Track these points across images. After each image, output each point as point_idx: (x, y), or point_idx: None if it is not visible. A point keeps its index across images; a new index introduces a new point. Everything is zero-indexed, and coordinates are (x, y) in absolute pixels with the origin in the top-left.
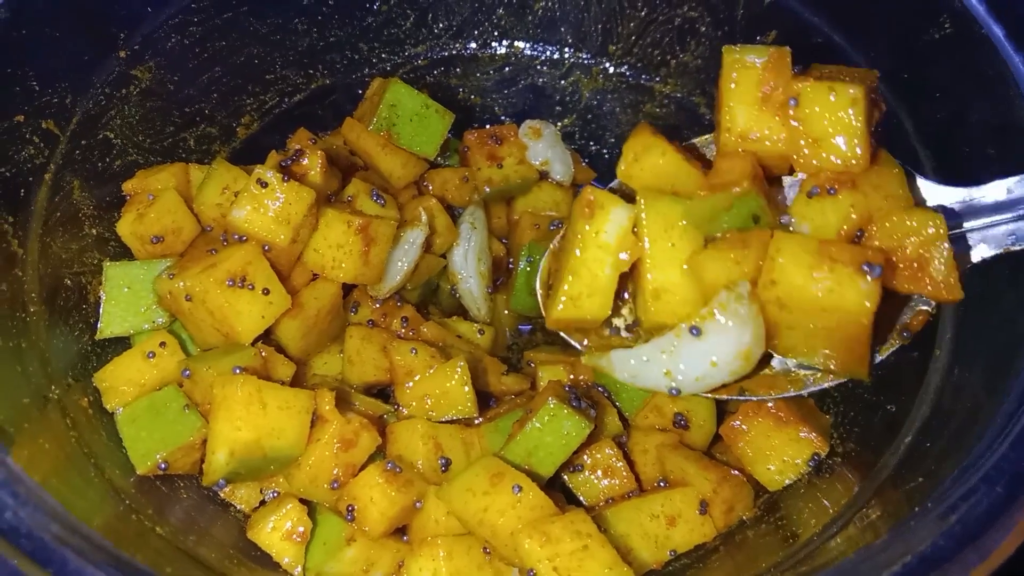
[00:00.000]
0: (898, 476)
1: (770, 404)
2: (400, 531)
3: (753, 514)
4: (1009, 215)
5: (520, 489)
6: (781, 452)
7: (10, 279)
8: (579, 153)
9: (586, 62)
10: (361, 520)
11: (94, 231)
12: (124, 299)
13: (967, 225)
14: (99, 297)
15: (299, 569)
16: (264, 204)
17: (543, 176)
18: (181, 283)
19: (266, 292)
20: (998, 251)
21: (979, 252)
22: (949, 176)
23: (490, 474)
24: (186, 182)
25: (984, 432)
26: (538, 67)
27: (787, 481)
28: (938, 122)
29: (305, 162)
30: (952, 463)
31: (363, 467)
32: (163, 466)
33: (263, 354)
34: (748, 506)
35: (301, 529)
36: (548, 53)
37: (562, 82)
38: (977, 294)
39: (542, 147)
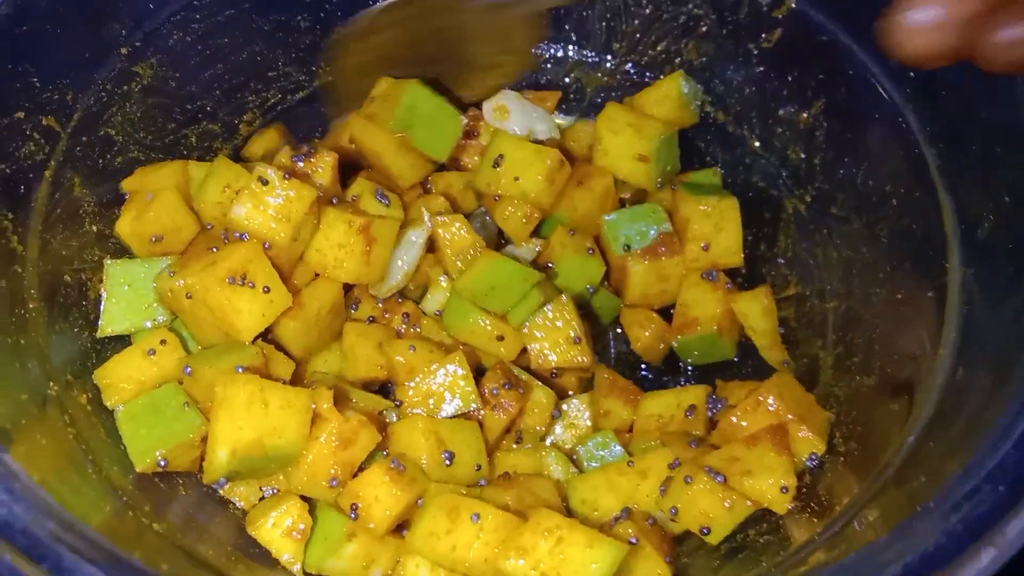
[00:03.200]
0: (900, 476)
1: (770, 405)
2: (400, 527)
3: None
4: None
5: (479, 516)
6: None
7: (9, 275)
8: None
9: (590, 60)
10: (365, 518)
11: (94, 228)
12: (125, 297)
13: None
14: (99, 294)
15: (298, 566)
16: (264, 201)
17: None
18: (181, 281)
19: (267, 290)
20: None
21: None
22: (955, 175)
23: (446, 512)
24: (185, 180)
25: (988, 432)
26: (541, 64)
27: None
28: (944, 121)
29: (314, 160)
30: (955, 463)
31: (363, 465)
32: (162, 463)
33: (263, 352)
34: None
35: (301, 526)
36: (552, 51)
37: (565, 80)
38: (981, 295)
39: (516, 119)
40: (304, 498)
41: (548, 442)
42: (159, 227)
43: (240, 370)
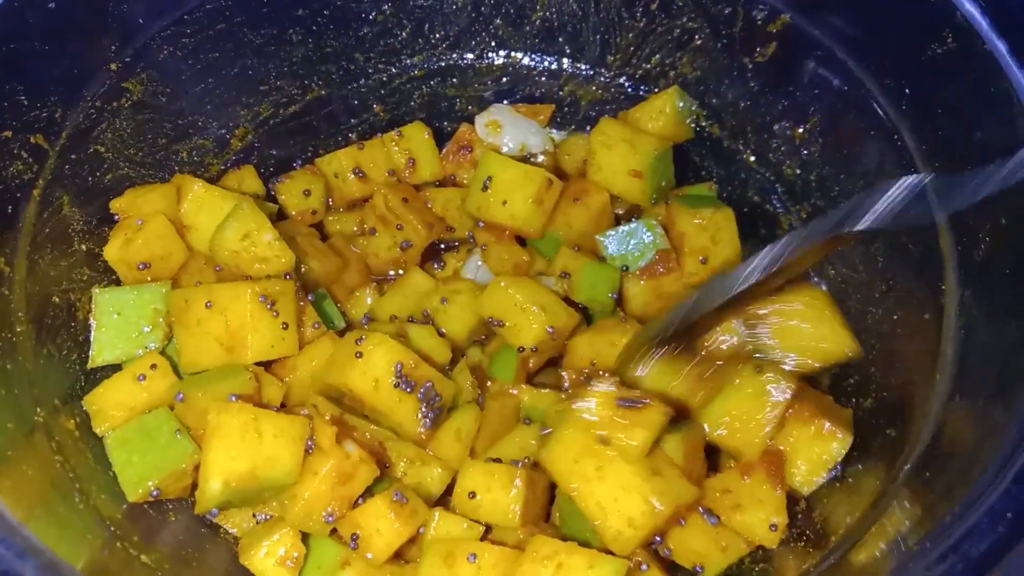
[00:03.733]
0: (898, 507)
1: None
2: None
3: None
4: None
5: (475, 556)
6: (808, 450)
7: None
8: None
9: (584, 73)
10: (364, 548)
11: (83, 247)
12: (114, 326)
13: None
14: (88, 318)
15: None
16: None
17: (526, 160)
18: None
19: (285, 327)
20: None
21: None
22: (951, 193)
23: (442, 557)
24: (175, 204)
25: (987, 463)
26: (536, 77)
27: (817, 480)
28: (939, 138)
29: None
30: (953, 496)
31: (362, 496)
32: (155, 493)
33: (256, 376)
34: None
35: (295, 555)
36: (546, 64)
37: (560, 93)
38: (980, 316)
39: (508, 133)
40: None
41: None
42: (148, 254)
43: (233, 398)
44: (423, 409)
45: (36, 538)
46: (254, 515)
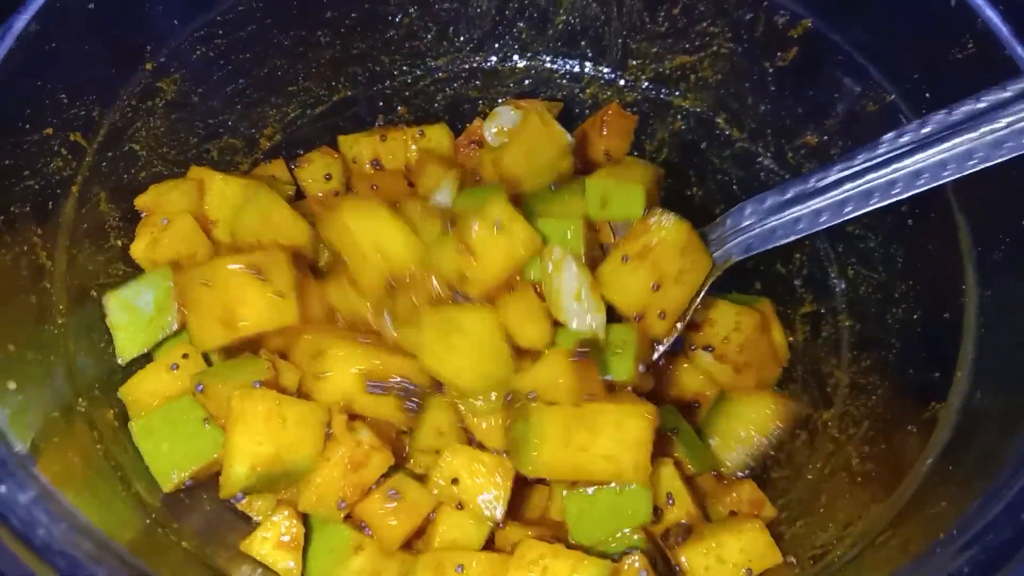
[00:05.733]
0: (920, 498)
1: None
2: (408, 543)
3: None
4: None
5: (463, 568)
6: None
7: (38, 291)
8: None
9: (606, 76)
10: (376, 534)
11: (119, 243)
12: (131, 321)
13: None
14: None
15: None
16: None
17: None
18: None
19: (280, 296)
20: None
21: None
22: (970, 196)
23: (432, 569)
24: (199, 199)
25: (1008, 457)
26: (558, 80)
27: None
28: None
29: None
30: (975, 489)
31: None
32: (189, 483)
33: (273, 364)
34: None
35: (294, 531)
36: (568, 67)
37: (581, 95)
38: (999, 315)
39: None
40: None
41: None
42: (174, 253)
43: (258, 385)
44: (406, 404)
45: (87, 518)
46: (278, 502)
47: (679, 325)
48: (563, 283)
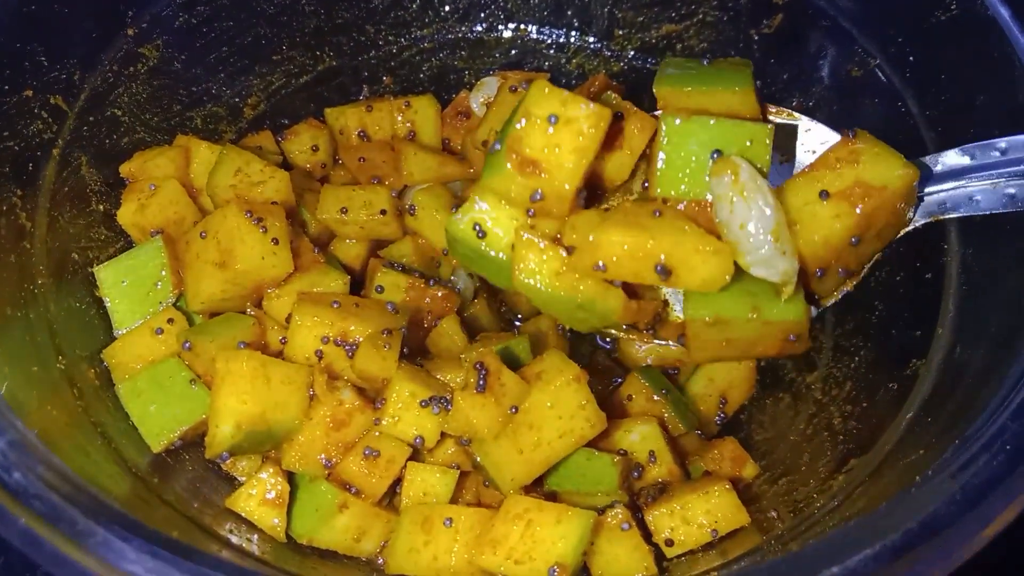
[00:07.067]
0: (899, 450)
1: None
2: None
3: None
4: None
5: (451, 521)
6: None
7: (19, 251)
8: None
9: (592, 46)
10: (361, 491)
11: (101, 208)
12: (126, 293)
13: None
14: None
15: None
16: None
17: None
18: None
19: (275, 242)
20: (927, 219)
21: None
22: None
23: (419, 524)
24: (185, 166)
25: (985, 406)
26: (544, 50)
27: None
28: (943, 104)
29: None
30: (953, 436)
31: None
32: (178, 443)
33: (259, 321)
34: None
35: (279, 488)
36: (554, 37)
37: (568, 65)
38: (981, 273)
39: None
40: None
41: None
42: (162, 219)
43: (243, 346)
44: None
45: (66, 464)
46: (263, 461)
47: (846, 288)
48: (752, 214)
